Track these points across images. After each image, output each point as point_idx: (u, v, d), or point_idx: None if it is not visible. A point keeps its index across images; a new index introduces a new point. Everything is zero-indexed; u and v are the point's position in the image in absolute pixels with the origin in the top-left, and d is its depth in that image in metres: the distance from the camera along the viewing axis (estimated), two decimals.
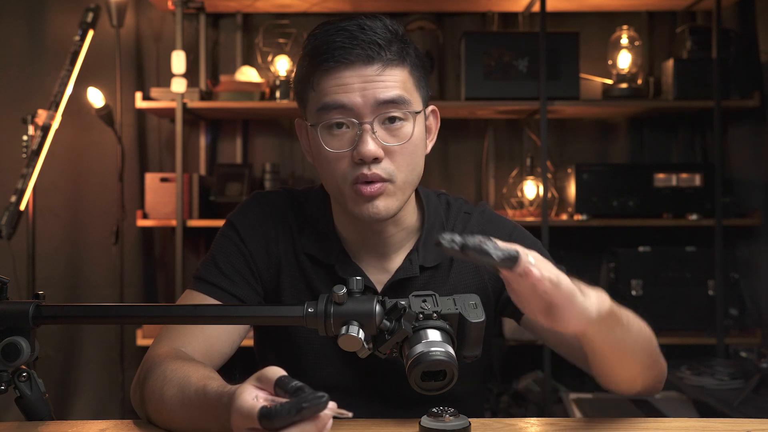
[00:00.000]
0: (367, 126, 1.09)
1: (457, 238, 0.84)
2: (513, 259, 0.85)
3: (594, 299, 0.92)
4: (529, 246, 1.21)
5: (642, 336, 1.06)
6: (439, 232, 1.23)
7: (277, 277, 1.23)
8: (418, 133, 1.14)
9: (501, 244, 0.86)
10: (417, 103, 1.14)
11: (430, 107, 1.21)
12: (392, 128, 1.11)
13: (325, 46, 1.09)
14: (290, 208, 1.26)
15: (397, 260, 1.22)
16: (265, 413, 0.77)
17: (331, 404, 0.78)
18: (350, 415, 0.82)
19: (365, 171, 1.09)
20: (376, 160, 1.09)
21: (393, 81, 1.10)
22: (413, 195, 1.23)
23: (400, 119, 1.11)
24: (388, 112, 1.10)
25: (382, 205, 1.12)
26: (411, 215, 1.23)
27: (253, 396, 0.81)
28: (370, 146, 1.08)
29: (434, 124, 1.22)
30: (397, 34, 1.12)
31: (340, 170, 1.12)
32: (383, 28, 1.10)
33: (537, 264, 0.87)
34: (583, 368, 1.16)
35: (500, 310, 1.27)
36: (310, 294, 1.21)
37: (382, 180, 1.10)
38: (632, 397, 1.25)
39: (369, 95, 1.08)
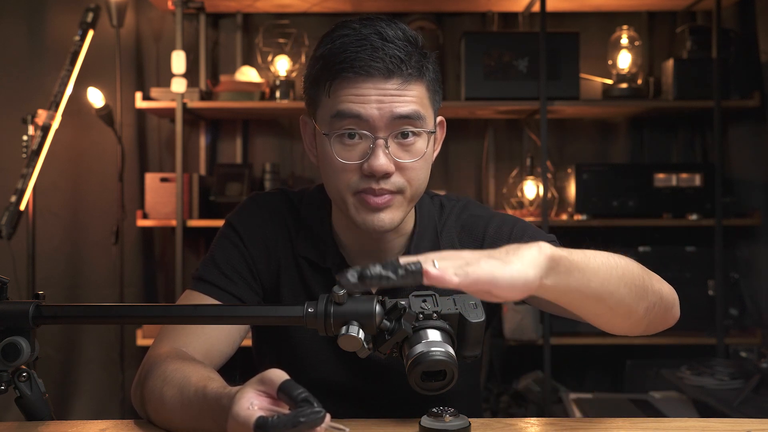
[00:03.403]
0: (381, 141, 1.08)
1: (354, 273, 0.84)
2: (415, 274, 0.84)
3: (527, 258, 0.89)
4: (503, 230, 1.22)
5: (617, 270, 1.00)
6: (430, 238, 1.23)
7: (276, 278, 1.23)
8: (430, 149, 1.13)
9: (404, 260, 0.85)
10: (431, 120, 1.13)
11: (439, 118, 1.20)
12: (405, 143, 1.10)
13: (345, 54, 1.07)
14: (288, 209, 1.26)
15: None
16: (260, 424, 0.77)
17: (326, 418, 0.78)
18: (347, 430, 0.83)
19: (373, 185, 1.09)
20: (386, 175, 1.09)
21: (411, 96, 1.09)
22: None
23: (414, 134, 1.10)
24: (402, 127, 1.09)
25: (388, 218, 1.12)
26: (409, 222, 1.23)
27: (248, 404, 0.81)
28: (382, 161, 1.07)
29: (440, 135, 1.22)
30: (417, 44, 1.11)
31: (345, 180, 1.11)
32: (404, 40, 1.09)
33: (441, 267, 0.85)
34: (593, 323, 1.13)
35: None
36: (309, 296, 1.20)
37: (391, 193, 1.10)
38: (638, 335, 1.15)
39: (386, 109, 1.07)
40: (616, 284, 0.99)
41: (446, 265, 0.86)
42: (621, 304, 1.01)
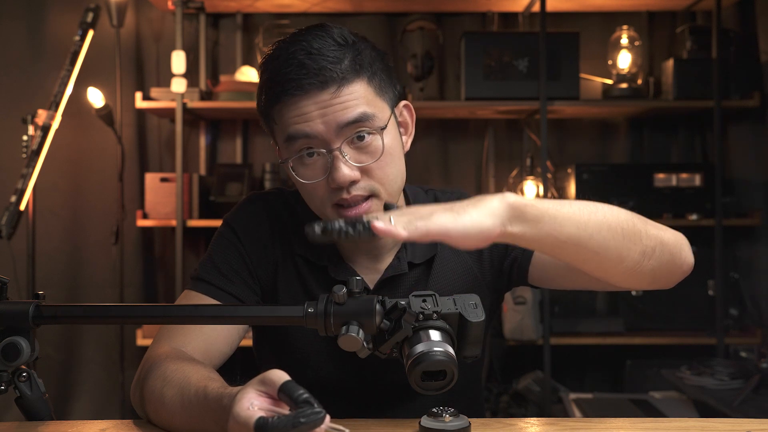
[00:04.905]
0: (337, 152, 1.08)
1: (318, 225, 0.89)
2: (366, 228, 0.88)
3: (486, 208, 0.92)
4: None
5: (596, 215, 1.00)
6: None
7: (274, 277, 1.23)
8: (390, 141, 1.12)
9: (367, 217, 0.90)
10: (383, 113, 1.12)
11: (402, 102, 1.20)
12: (362, 146, 1.09)
13: (277, 78, 1.08)
14: (285, 208, 1.27)
15: (387, 260, 1.22)
16: (261, 425, 0.77)
17: (326, 419, 0.78)
18: (347, 431, 0.84)
19: (344, 195, 1.09)
20: (353, 182, 1.09)
21: (352, 99, 1.08)
22: (401, 197, 1.23)
23: (369, 133, 1.09)
24: (354, 132, 1.08)
25: None
26: None
27: (249, 404, 0.81)
28: (344, 171, 1.07)
29: (409, 119, 1.22)
30: (347, 43, 1.10)
31: (318, 197, 1.12)
32: (331, 46, 1.08)
33: (395, 219, 0.89)
34: (594, 286, 1.14)
35: (506, 283, 1.25)
36: (306, 294, 1.21)
37: (365, 198, 1.10)
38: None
39: (330, 120, 1.07)
40: (595, 228, 0.99)
41: (399, 220, 0.89)
42: (606, 248, 1.01)
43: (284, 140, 1.11)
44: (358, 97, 1.08)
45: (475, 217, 0.91)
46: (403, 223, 0.89)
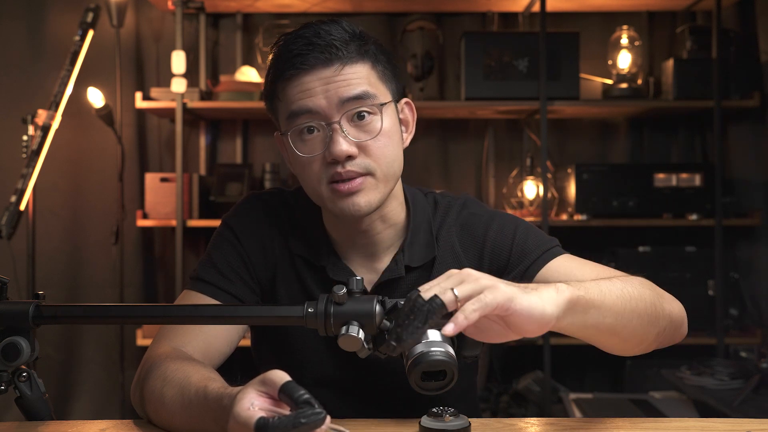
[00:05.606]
0: (336, 126, 1.09)
1: (394, 341, 0.86)
2: (439, 306, 0.86)
3: (545, 295, 0.90)
4: (506, 232, 1.22)
5: (630, 302, 1.01)
6: (425, 234, 1.22)
7: (272, 277, 1.23)
8: (390, 125, 1.13)
9: (425, 293, 0.87)
10: (384, 96, 1.14)
11: (404, 99, 1.21)
12: (362, 124, 1.11)
13: (285, 56, 1.11)
14: (283, 208, 1.27)
15: (385, 260, 1.22)
16: (261, 425, 0.77)
17: (327, 420, 0.78)
18: (347, 431, 0.84)
19: (339, 170, 1.10)
20: (350, 158, 1.10)
21: (355, 78, 1.10)
22: (400, 194, 1.23)
23: (369, 113, 1.11)
24: (354, 108, 1.10)
25: (363, 201, 1.12)
26: (398, 213, 1.22)
27: (249, 404, 0.81)
28: (341, 145, 1.08)
29: (410, 117, 1.23)
30: (355, 33, 1.13)
31: (314, 172, 1.12)
32: (340, 30, 1.11)
33: (460, 293, 0.87)
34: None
35: None
36: (305, 294, 1.21)
37: (359, 175, 1.11)
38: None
39: (332, 96, 1.09)
40: (629, 317, 1.01)
41: (464, 293, 0.87)
42: (634, 335, 1.04)
43: (287, 117, 1.12)
44: (361, 77, 1.11)
45: (539, 301, 0.89)
46: (473, 305, 0.86)
